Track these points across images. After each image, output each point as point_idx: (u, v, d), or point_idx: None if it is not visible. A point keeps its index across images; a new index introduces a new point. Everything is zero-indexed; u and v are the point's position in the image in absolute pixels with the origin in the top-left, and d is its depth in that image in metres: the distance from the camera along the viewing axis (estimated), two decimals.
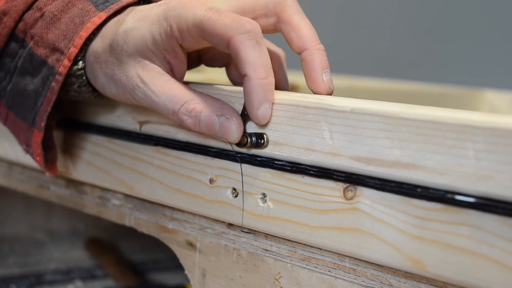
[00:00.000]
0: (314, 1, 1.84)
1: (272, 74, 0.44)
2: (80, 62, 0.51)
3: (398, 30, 1.77)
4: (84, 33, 0.50)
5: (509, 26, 1.60)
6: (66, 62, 0.50)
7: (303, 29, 0.47)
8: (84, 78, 0.52)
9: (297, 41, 0.47)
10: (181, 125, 0.48)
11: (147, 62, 0.47)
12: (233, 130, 0.45)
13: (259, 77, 0.43)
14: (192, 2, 0.45)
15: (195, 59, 0.54)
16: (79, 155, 0.60)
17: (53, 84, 0.51)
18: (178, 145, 0.51)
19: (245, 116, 0.46)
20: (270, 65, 0.44)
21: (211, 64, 0.55)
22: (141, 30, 0.47)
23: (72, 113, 0.60)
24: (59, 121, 0.60)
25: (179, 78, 0.49)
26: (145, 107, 0.50)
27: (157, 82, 0.47)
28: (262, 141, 0.45)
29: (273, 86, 0.44)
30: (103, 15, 0.50)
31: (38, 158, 0.55)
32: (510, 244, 0.34)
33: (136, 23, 0.47)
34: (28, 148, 0.55)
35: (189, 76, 0.51)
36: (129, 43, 0.47)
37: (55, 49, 0.51)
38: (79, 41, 0.50)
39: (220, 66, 0.55)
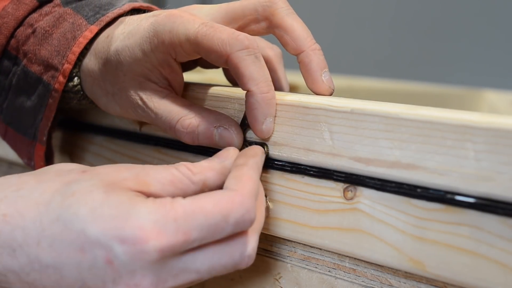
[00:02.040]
0: (314, 1, 1.84)
1: (273, 88, 0.44)
2: (75, 78, 0.50)
3: (399, 30, 1.77)
4: (77, 49, 0.49)
5: (509, 26, 1.59)
6: (61, 79, 0.50)
7: (296, 31, 0.47)
8: (82, 92, 0.51)
9: (292, 44, 0.47)
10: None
11: (143, 79, 0.47)
12: (233, 139, 0.45)
13: (262, 92, 0.43)
14: (182, 16, 0.44)
15: (191, 62, 0.54)
16: (80, 155, 0.60)
17: (50, 101, 0.51)
18: (178, 145, 0.51)
19: (245, 126, 0.46)
20: (270, 78, 0.44)
21: (207, 66, 0.54)
22: (132, 49, 0.46)
23: (72, 113, 0.60)
24: (60, 122, 0.60)
25: (178, 90, 0.48)
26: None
27: (154, 99, 0.47)
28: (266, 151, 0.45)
29: (275, 100, 0.44)
30: (94, 28, 0.49)
31: None
32: (510, 244, 0.34)
33: (126, 41, 0.47)
34: (29, 161, 0.55)
35: (189, 76, 0.51)
36: (123, 63, 0.47)
37: (49, 66, 0.50)
38: (72, 57, 0.49)
39: (217, 68, 0.55)
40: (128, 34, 0.47)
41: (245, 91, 0.44)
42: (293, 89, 0.57)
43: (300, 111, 0.43)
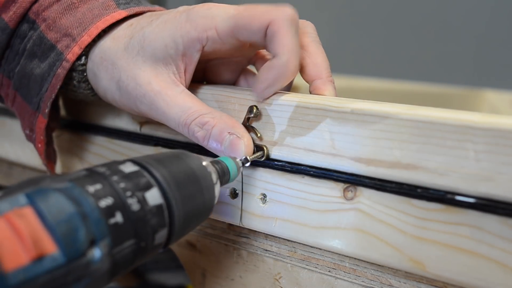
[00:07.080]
0: (315, 1, 1.84)
1: (299, 67, 0.45)
2: (83, 58, 0.51)
3: (398, 30, 1.77)
4: (102, 24, 0.50)
5: (509, 26, 1.60)
6: (76, 50, 0.50)
7: (319, 58, 0.47)
8: (85, 74, 0.51)
9: (311, 68, 0.47)
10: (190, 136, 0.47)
11: (161, 69, 0.47)
12: (242, 150, 0.45)
13: (290, 62, 0.43)
14: (217, 5, 0.45)
15: (199, 74, 0.53)
16: (80, 155, 0.60)
17: (59, 70, 0.50)
18: (178, 145, 0.51)
19: (247, 128, 0.46)
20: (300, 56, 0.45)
21: (214, 79, 0.54)
22: (161, 33, 0.46)
23: (72, 113, 0.60)
24: (61, 122, 0.59)
25: (186, 85, 0.48)
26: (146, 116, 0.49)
27: (170, 93, 0.47)
28: (262, 155, 0.45)
29: (293, 77, 0.45)
30: (123, 13, 0.50)
31: (39, 145, 0.54)
32: (510, 244, 0.34)
33: (155, 28, 0.47)
34: (31, 134, 0.55)
35: None
36: (147, 47, 0.47)
37: (66, 35, 0.50)
38: (94, 31, 0.50)
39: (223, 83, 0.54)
40: (159, 22, 0.47)
41: (272, 54, 0.44)
42: (293, 89, 0.57)
43: (301, 111, 0.43)
